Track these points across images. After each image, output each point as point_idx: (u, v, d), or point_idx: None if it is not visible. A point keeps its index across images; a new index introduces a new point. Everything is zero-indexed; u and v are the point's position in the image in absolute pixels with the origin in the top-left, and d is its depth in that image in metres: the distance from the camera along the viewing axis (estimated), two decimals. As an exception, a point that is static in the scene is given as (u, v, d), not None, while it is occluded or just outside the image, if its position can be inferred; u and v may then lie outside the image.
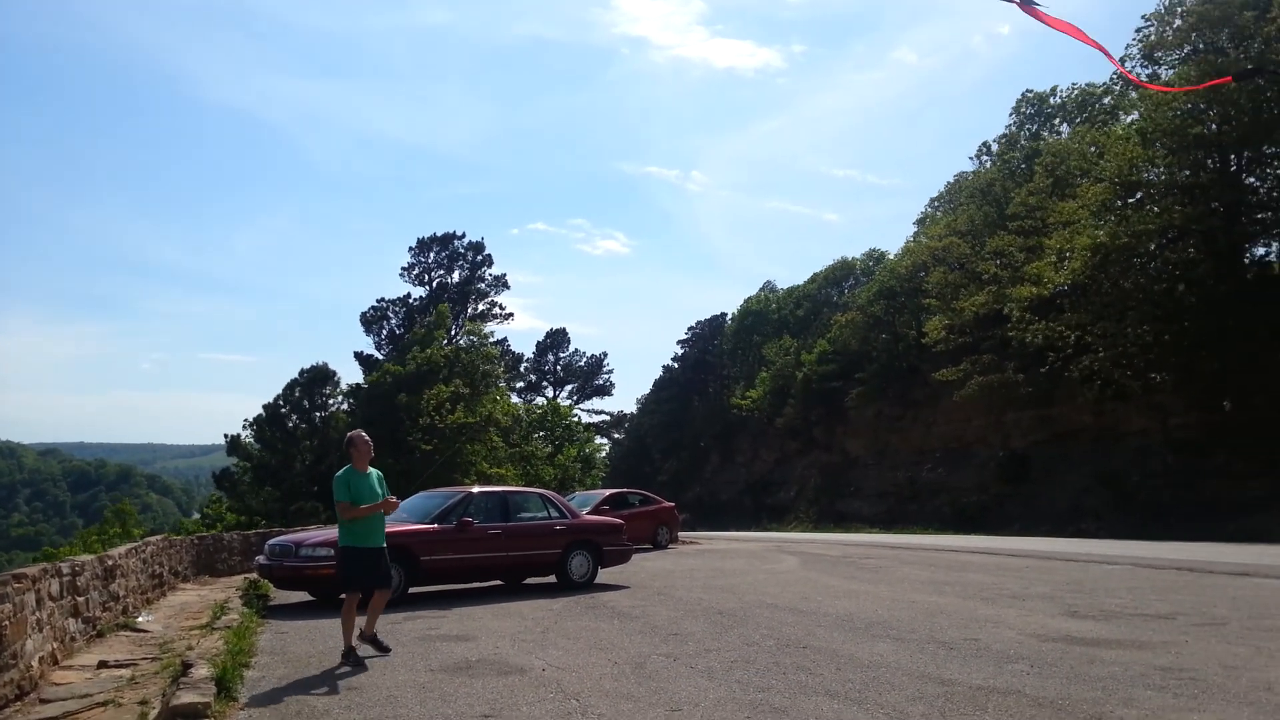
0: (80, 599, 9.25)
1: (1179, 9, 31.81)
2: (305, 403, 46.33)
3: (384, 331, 59.24)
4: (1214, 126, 29.70)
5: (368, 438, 8.61)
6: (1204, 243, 30.38)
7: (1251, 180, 31.06)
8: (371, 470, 8.45)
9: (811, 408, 56.88)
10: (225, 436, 45.90)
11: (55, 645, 8.07)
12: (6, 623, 6.52)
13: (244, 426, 46.04)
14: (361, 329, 59.96)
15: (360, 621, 8.36)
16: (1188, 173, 30.53)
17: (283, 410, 45.98)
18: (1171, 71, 32.36)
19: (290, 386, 46.08)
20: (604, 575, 14.67)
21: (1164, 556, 17.78)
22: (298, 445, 45.54)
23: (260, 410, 46.02)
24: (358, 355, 56.96)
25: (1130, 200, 32.12)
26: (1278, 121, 28.28)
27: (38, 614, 7.49)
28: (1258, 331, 28.21)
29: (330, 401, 46.99)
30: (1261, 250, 32.82)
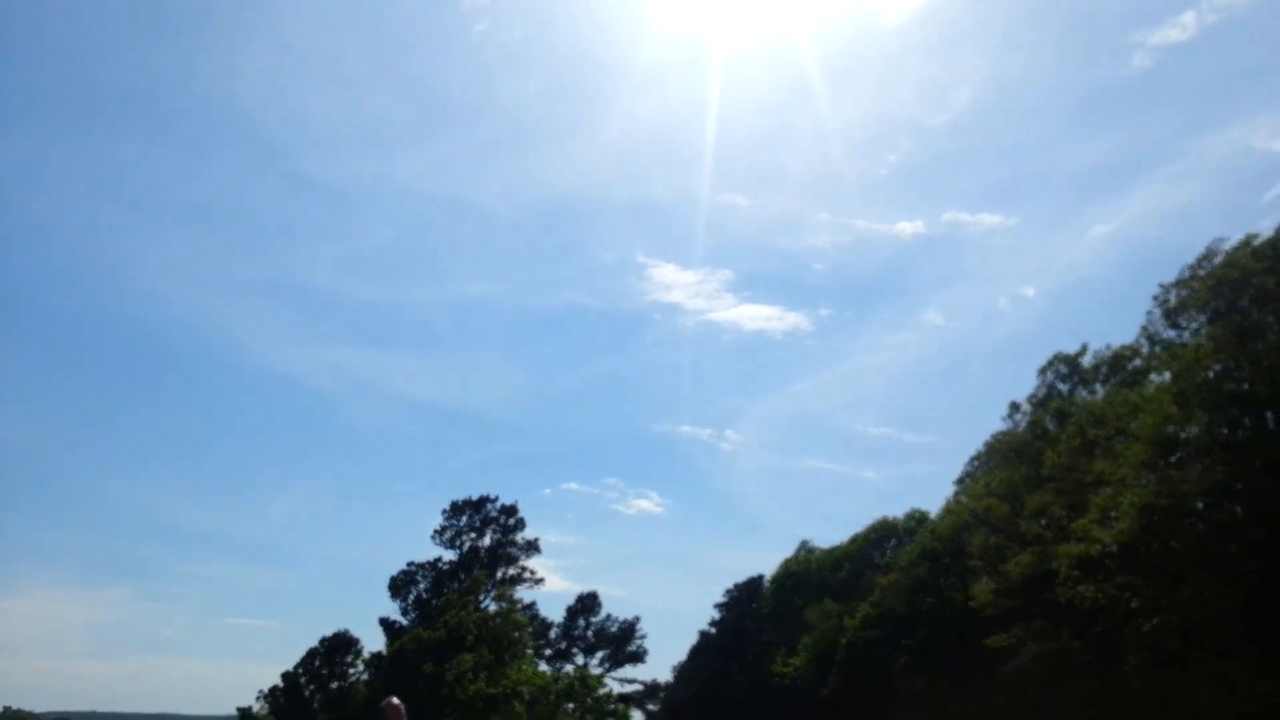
0: None
1: (1198, 274, 32.76)
2: (324, 671, 44.79)
3: (411, 596, 58.10)
4: (1246, 385, 29.74)
5: (400, 706, 7.97)
6: (1251, 503, 29.57)
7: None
8: None
9: (857, 675, 53.97)
10: (237, 710, 44.21)
11: None
12: None
13: (257, 698, 44.39)
14: (389, 594, 58.88)
15: None
16: (1226, 430, 30.26)
17: (301, 679, 44.42)
18: (1192, 336, 32.87)
19: (310, 655, 44.80)
20: None
21: None
22: (314, 718, 43.59)
23: (279, 679, 44.50)
24: (383, 621, 55.57)
25: (1171, 459, 31.70)
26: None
27: None
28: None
29: (350, 670, 45.43)
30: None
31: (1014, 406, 53.56)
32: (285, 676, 44.59)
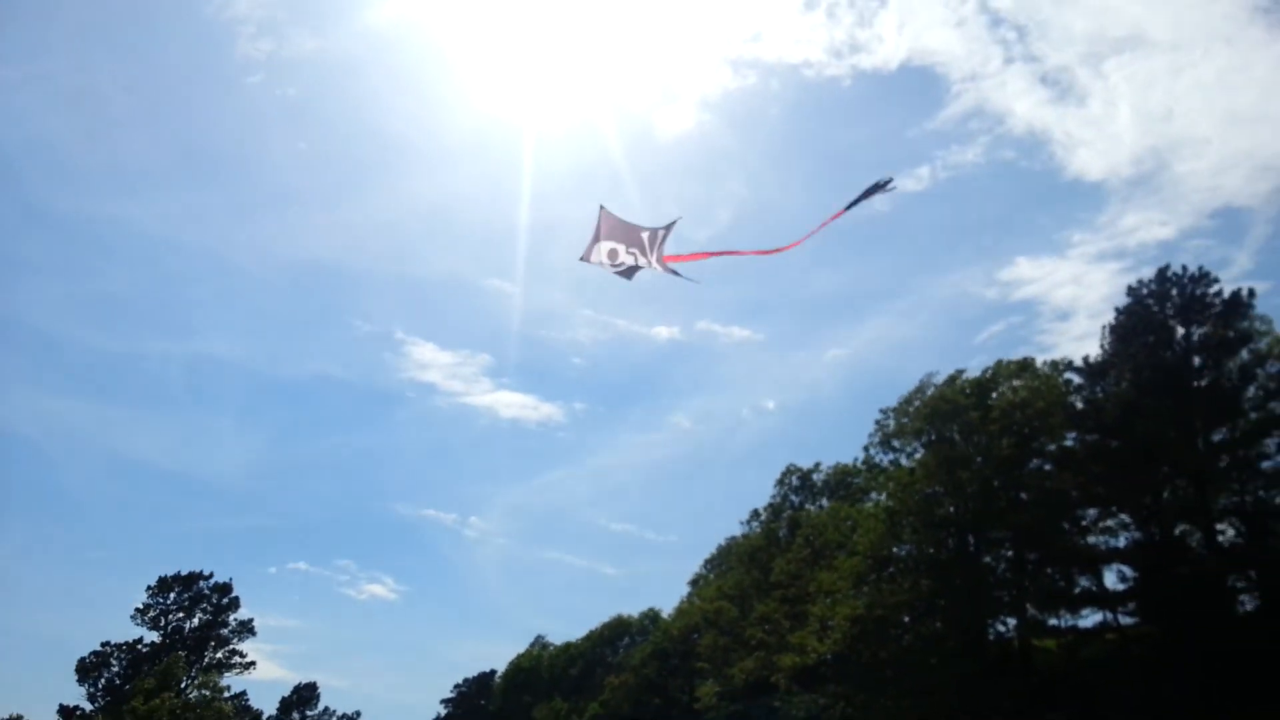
0: None
1: (913, 405, 35.86)
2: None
3: (102, 681, 52.10)
4: (952, 509, 32.50)
5: None
6: (949, 617, 32.04)
7: (988, 560, 33.66)
8: None
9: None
10: None
11: None
12: None
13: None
14: (76, 677, 52.43)
15: None
16: (932, 550, 32.85)
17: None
18: (908, 459, 35.80)
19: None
20: None
21: None
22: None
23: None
24: (63, 709, 49.41)
25: (884, 574, 33.96)
26: (1004, 509, 31.30)
27: None
28: (1002, 704, 29.18)
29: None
30: (1001, 628, 34.84)
31: (754, 514, 55.90)
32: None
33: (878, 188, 10.42)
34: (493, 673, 74.93)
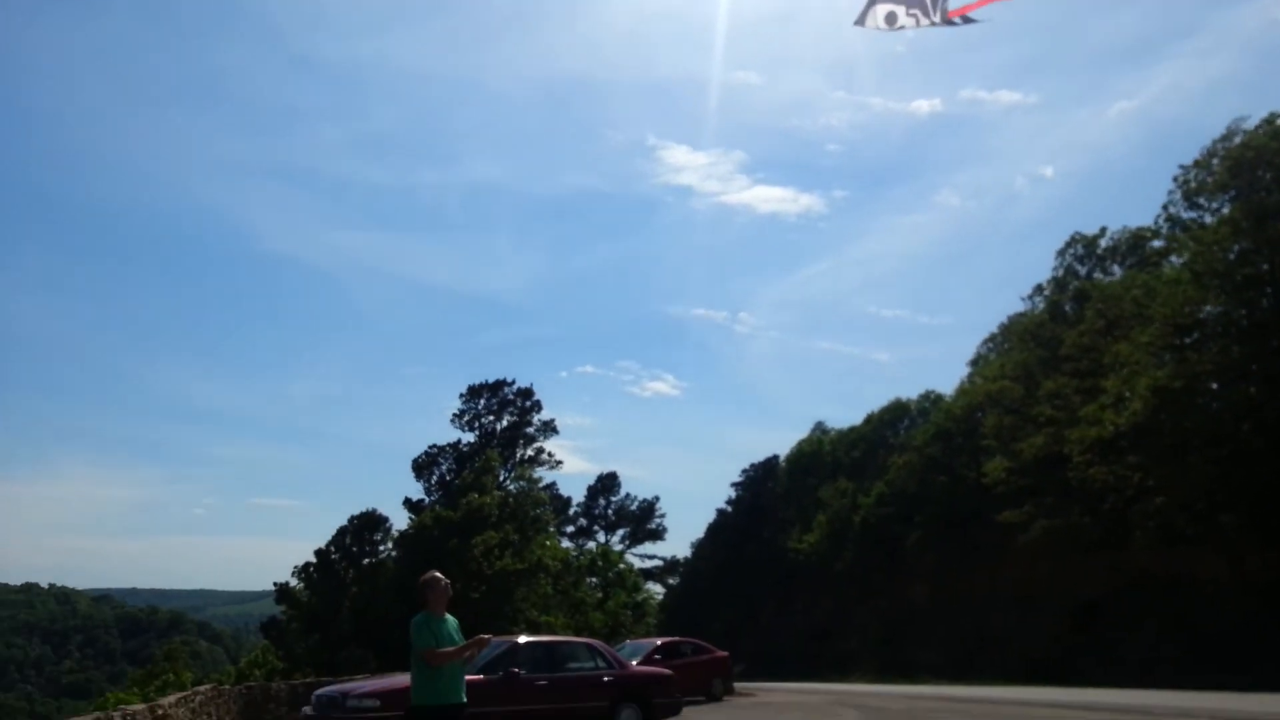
0: (127, 750, 9.21)
1: (1216, 156, 32.24)
2: (355, 549, 46.33)
3: (434, 478, 59.49)
4: (1265, 266, 29.65)
5: (445, 580, 7.63)
6: (1266, 383, 29.85)
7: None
8: (448, 616, 7.50)
9: (870, 552, 55.54)
10: (275, 584, 45.94)
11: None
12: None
13: (293, 574, 46.09)
14: (413, 474, 60.25)
15: None
16: (1244, 312, 30.32)
17: (333, 557, 46.01)
18: (1213, 217, 32.57)
19: (341, 533, 46.25)
20: (654, 729, 14.19)
21: (1242, 709, 16.76)
22: (345, 593, 45.37)
23: (311, 557, 46.15)
24: (408, 502, 57.11)
25: (1187, 341, 31.88)
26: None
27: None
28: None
29: (381, 548, 46.95)
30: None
31: (1037, 288, 53.36)
32: (318, 553, 46.19)
33: None
34: (776, 458, 78.28)
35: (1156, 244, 44.02)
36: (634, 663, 16.91)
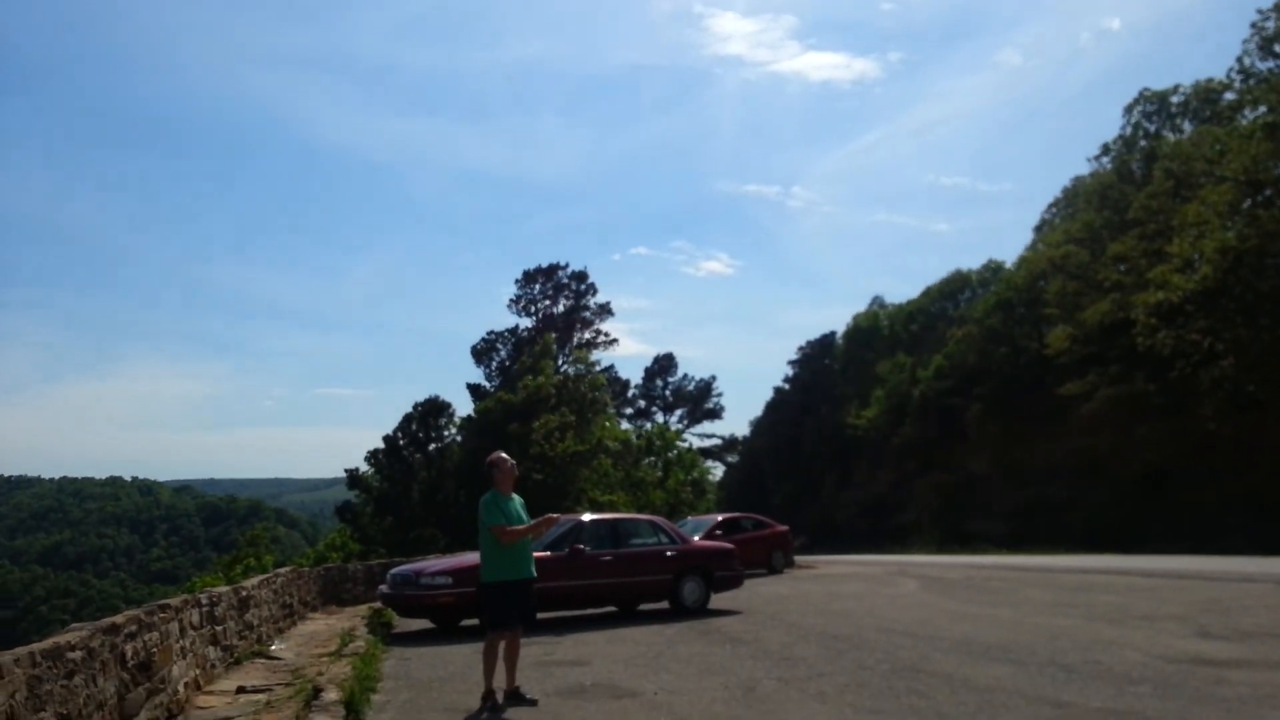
0: (218, 628, 9.77)
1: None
2: (420, 434, 47.53)
3: (494, 363, 60.43)
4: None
5: (511, 461, 7.85)
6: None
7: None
8: (514, 495, 7.78)
9: (930, 425, 55.53)
10: (346, 471, 47.47)
11: (197, 671, 8.55)
12: (155, 649, 6.97)
13: (364, 460, 47.53)
14: (472, 361, 61.25)
15: (501, 676, 7.49)
16: (1322, 166, 28.98)
17: (400, 443, 47.28)
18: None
19: (406, 420, 47.37)
20: (717, 600, 14.64)
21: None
22: (414, 476, 46.77)
23: (380, 443, 47.48)
24: (470, 386, 58.23)
25: (1259, 199, 30.61)
26: None
27: (181, 642, 7.97)
28: None
29: (445, 433, 48.08)
30: None
31: (1104, 148, 51.43)
32: (386, 439, 47.48)
33: None
34: (833, 334, 77.88)
35: (1229, 97, 41.89)
36: (696, 538, 17.32)
